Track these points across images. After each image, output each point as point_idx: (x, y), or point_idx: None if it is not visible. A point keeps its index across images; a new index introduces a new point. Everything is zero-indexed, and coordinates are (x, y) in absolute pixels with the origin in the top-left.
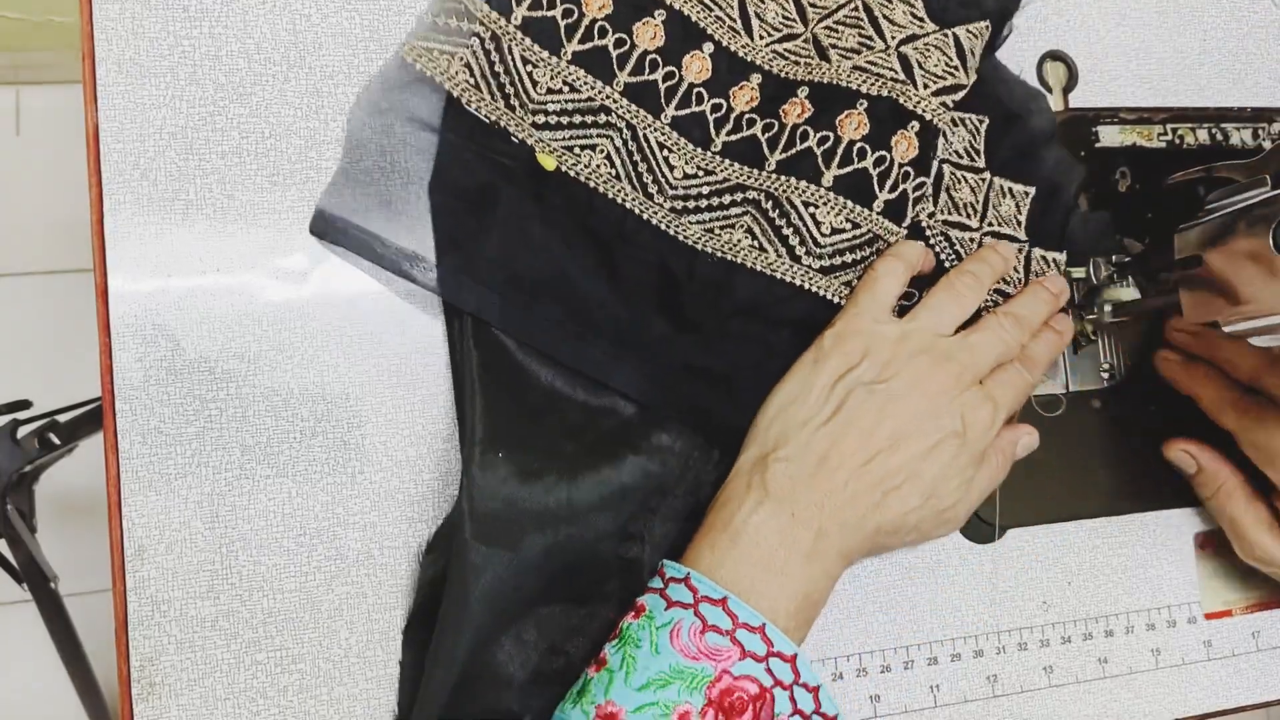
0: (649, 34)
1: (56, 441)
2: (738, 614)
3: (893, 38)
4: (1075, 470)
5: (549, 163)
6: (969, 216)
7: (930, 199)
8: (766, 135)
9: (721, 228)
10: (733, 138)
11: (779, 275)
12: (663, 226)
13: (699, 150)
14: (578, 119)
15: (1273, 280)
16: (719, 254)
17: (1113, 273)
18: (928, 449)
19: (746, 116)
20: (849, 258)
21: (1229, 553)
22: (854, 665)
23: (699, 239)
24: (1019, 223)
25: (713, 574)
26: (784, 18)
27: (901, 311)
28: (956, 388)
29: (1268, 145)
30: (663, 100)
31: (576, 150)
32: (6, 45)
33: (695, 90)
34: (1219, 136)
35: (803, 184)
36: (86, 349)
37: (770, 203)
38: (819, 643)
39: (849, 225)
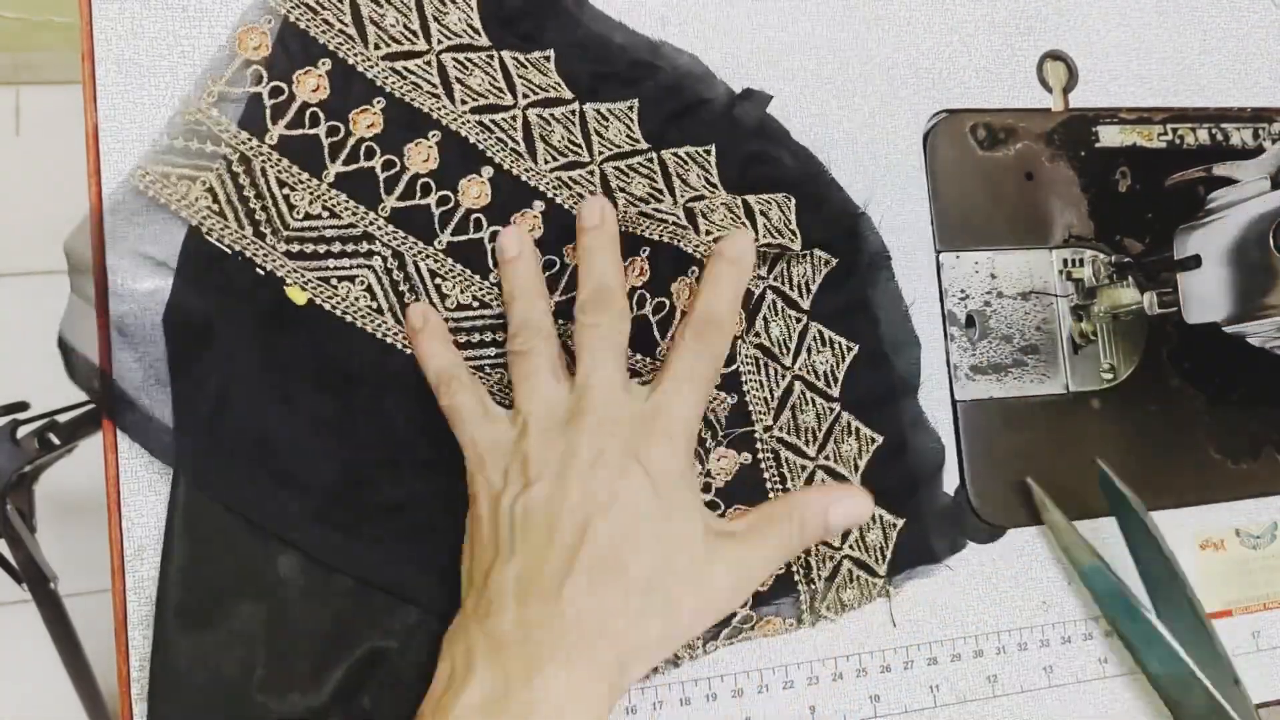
0: (422, 156)
1: (56, 441)
2: None
3: (682, 194)
4: (1075, 470)
5: (299, 296)
6: (808, 444)
7: (772, 413)
8: (548, 272)
9: (491, 368)
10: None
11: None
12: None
13: (477, 278)
14: (337, 247)
15: (1273, 280)
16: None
17: (1112, 272)
18: (609, 504)
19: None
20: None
21: (1229, 553)
22: (854, 665)
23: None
24: (856, 468)
25: None
26: (570, 143)
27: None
28: (605, 431)
29: (1268, 145)
30: (436, 225)
31: (333, 282)
32: (6, 45)
33: (473, 216)
34: (1219, 136)
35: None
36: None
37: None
38: (819, 643)
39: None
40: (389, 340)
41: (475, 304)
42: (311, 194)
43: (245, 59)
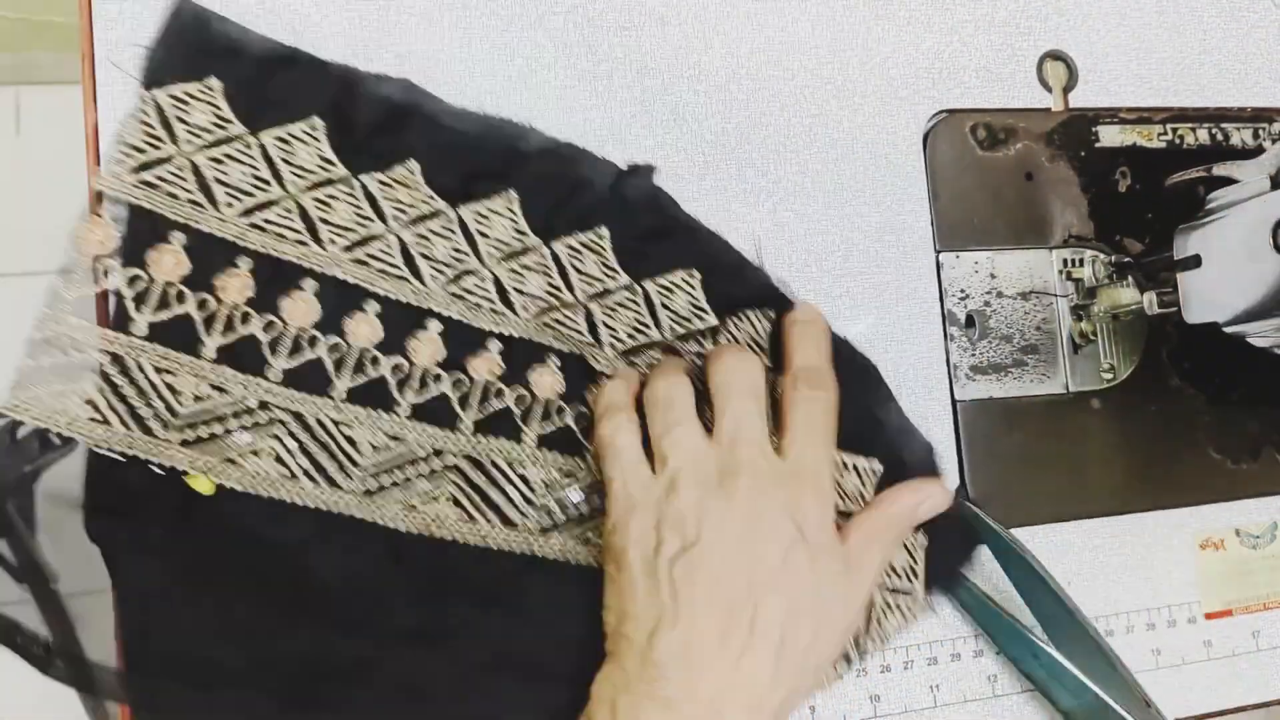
0: (301, 310)
1: (56, 441)
2: None
3: (582, 287)
4: (1075, 470)
5: (206, 486)
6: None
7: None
8: (457, 394)
9: (423, 503)
10: (420, 398)
11: (497, 546)
12: (358, 515)
13: (383, 414)
14: (233, 424)
15: (1272, 280)
16: (423, 531)
17: (1112, 273)
18: (778, 572)
19: (432, 374)
20: (571, 512)
21: (1229, 553)
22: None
23: (397, 518)
24: (863, 499)
25: None
26: (455, 253)
27: None
28: (761, 493)
29: (1268, 145)
30: (332, 375)
31: (238, 460)
32: (6, 45)
33: (368, 355)
34: (1219, 136)
35: (505, 443)
36: None
37: (472, 466)
38: None
39: (561, 477)
40: (311, 505)
41: (392, 443)
42: (195, 375)
43: (93, 255)
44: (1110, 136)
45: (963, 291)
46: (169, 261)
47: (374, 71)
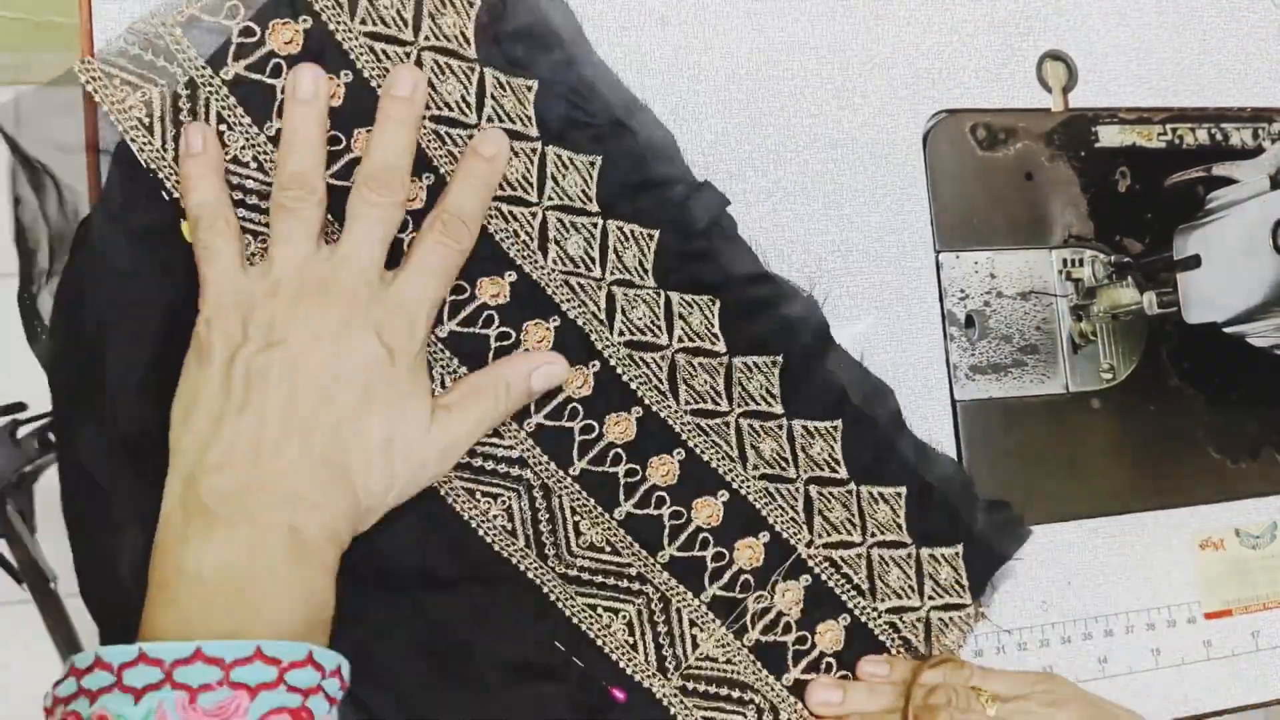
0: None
1: (56, 441)
2: (222, 657)
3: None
4: (1075, 470)
5: (187, 231)
6: (850, 533)
7: (805, 526)
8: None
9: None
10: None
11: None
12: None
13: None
14: (261, 204)
15: (1272, 280)
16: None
17: (1112, 273)
18: (359, 389)
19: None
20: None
21: (1228, 553)
22: None
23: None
24: (900, 526)
25: (181, 634)
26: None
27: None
28: (354, 309)
29: (1268, 145)
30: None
31: (254, 230)
32: (6, 45)
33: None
34: (1219, 136)
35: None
36: None
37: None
38: None
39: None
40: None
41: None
42: (249, 141)
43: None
44: (1110, 136)
45: (963, 291)
46: (286, 35)
47: None
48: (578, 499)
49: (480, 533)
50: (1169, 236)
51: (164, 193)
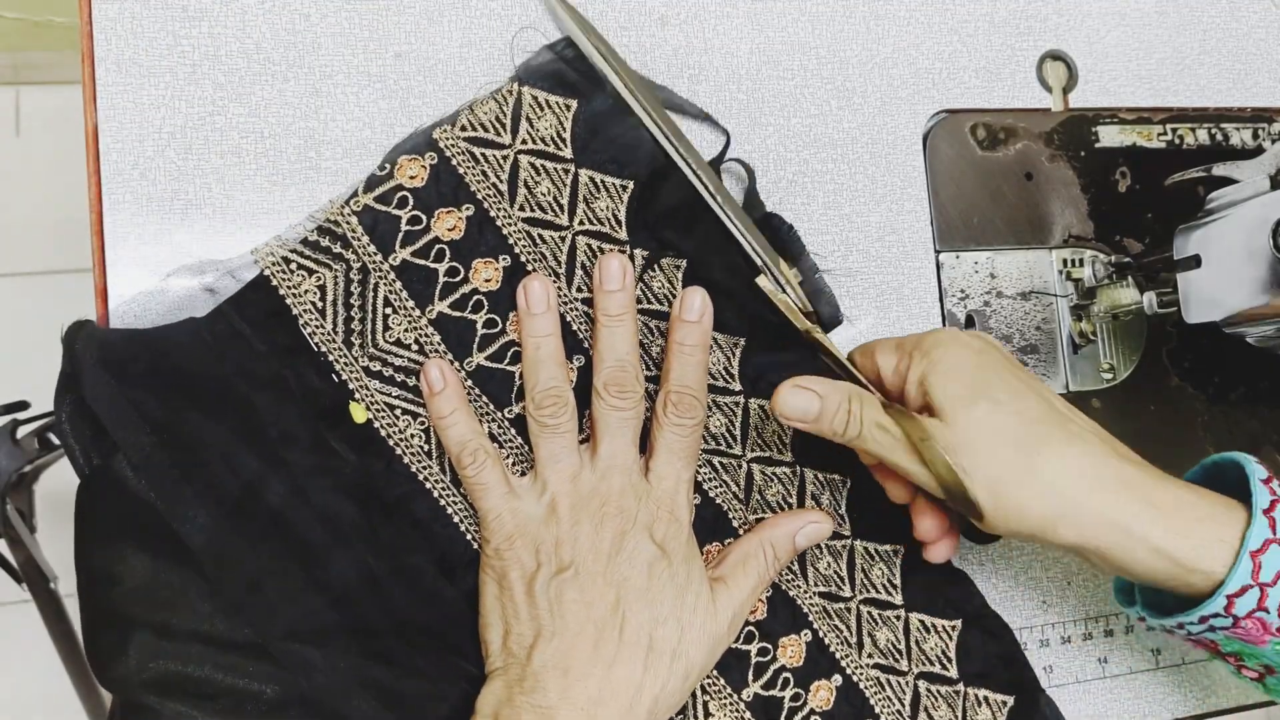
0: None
1: (56, 441)
2: None
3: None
4: None
5: (360, 414)
6: (898, 660)
7: (855, 648)
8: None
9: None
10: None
11: None
12: (455, 519)
13: (531, 455)
14: (412, 381)
15: (1273, 280)
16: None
17: (1112, 272)
18: (643, 587)
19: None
20: None
21: None
22: None
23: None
24: (950, 660)
25: None
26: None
27: None
28: (626, 517)
29: (1268, 145)
30: (513, 396)
31: (397, 413)
32: (6, 45)
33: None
34: (1219, 136)
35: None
36: None
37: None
38: None
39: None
40: (428, 485)
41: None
42: (410, 323)
43: (399, 183)
44: (1110, 136)
45: (963, 291)
46: (450, 222)
47: (687, 160)
48: (505, 432)
49: (398, 451)
50: (1169, 236)
51: (333, 375)
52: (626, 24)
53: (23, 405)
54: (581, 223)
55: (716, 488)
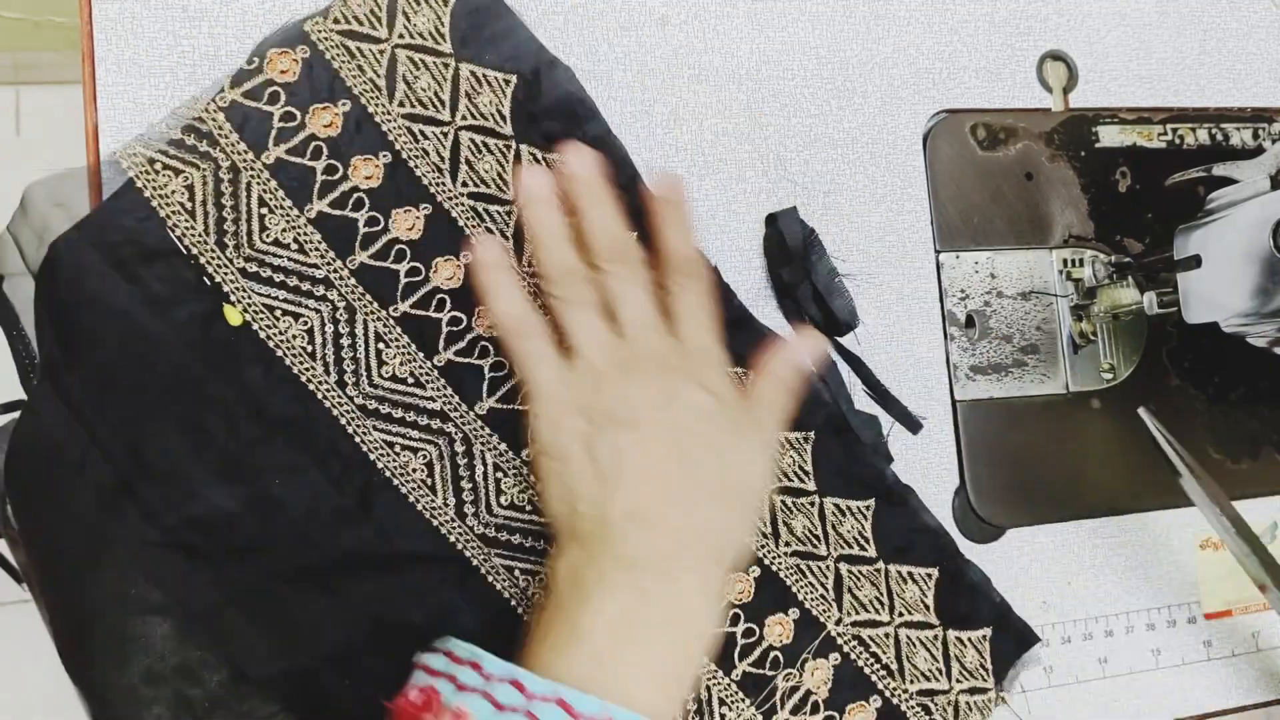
0: (407, 224)
1: None
2: (573, 705)
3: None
4: (1075, 470)
5: (235, 317)
6: (879, 612)
7: (834, 605)
8: (492, 374)
9: (403, 448)
10: (460, 359)
11: (437, 525)
12: (342, 420)
13: (420, 356)
14: (293, 282)
15: (1272, 280)
16: (387, 473)
17: (1112, 272)
18: (705, 435)
19: (483, 343)
20: (516, 540)
21: (1229, 553)
22: None
23: (376, 449)
24: (928, 607)
25: (550, 672)
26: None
27: None
28: (670, 372)
29: (1268, 145)
30: (399, 294)
31: (276, 313)
32: (6, 45)
33: (438, 295)
34: (1219, 136)
35: (502, 446)
36: None
37: (463, 447)
38: None
39: (529, 508)
40: (311, 387)
41: (410, 380)
42: (288, 223)
43: (269, 78)
44: (1110, 136)
45: (963, 291)
46: (325, 118)
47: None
48: (390, 330)
49: (279, 354)
50: (1169, 236)
51: (205, 278)
52: (626, 24)
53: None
54: (464, 118)
55: (804, 589)
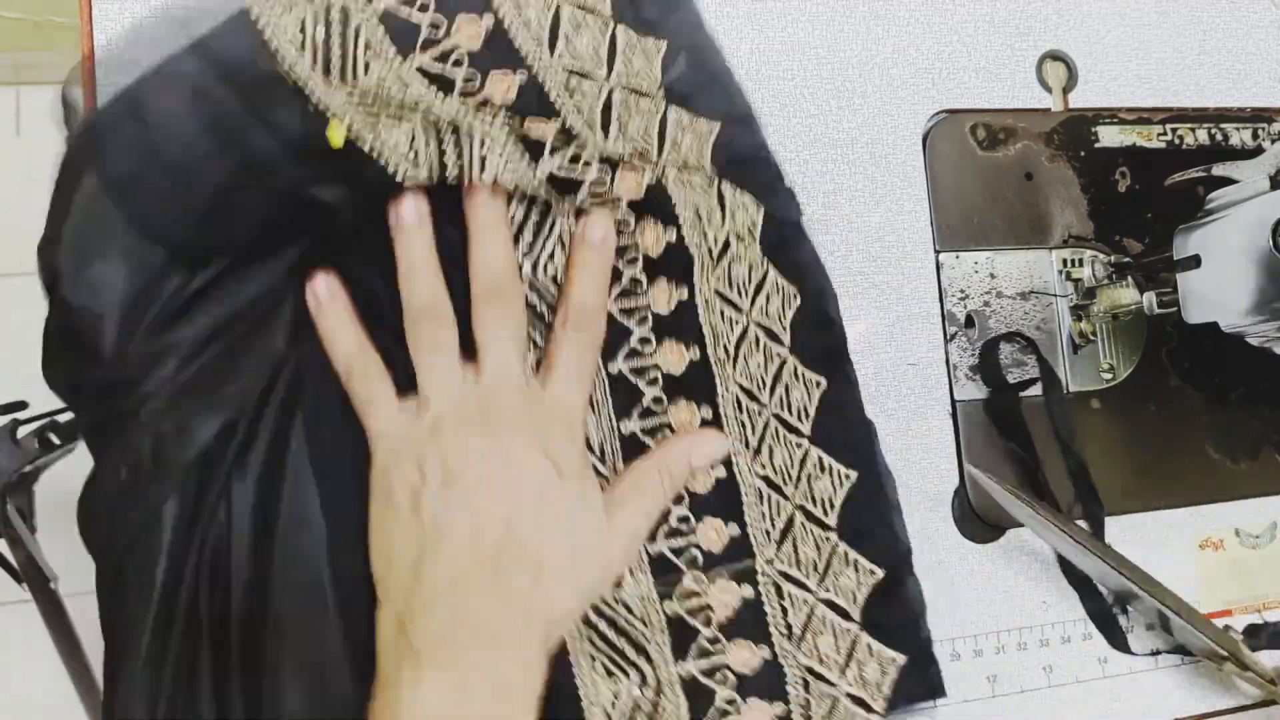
0: (500, 88)
1: (56, 441)
2: None
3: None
4: (1075, 470)
5: (337, 137)
6: (808, 576)
7: (774, 545)
8: (592, 188)
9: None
10: (561, 172)
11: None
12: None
13: (524, 164)
14: (394, 110)
15: (1272, 280)
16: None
17: (1112, 272)
18: (536, 511)
19: (585, 158)
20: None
21: (1228, 553)
22: None
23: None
24: (855, 600)
25: None
26: (644, 132)
27: None
28: (516, 432)
29: (1267, 145)
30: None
31: (379, 127)
32: (6, 45)
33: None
34: (1219, 136)
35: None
36: None
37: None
38: None
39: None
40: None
41: (513, 187)
42: (390, 69)
43: None
44: (1110, 136)
45: (963, 291)
46: None
47: None
48: (494, 138)
49: (383, 162)
50: (1169, 236)
51: (310, 106)
52: None
53: (22, 405)
54: None
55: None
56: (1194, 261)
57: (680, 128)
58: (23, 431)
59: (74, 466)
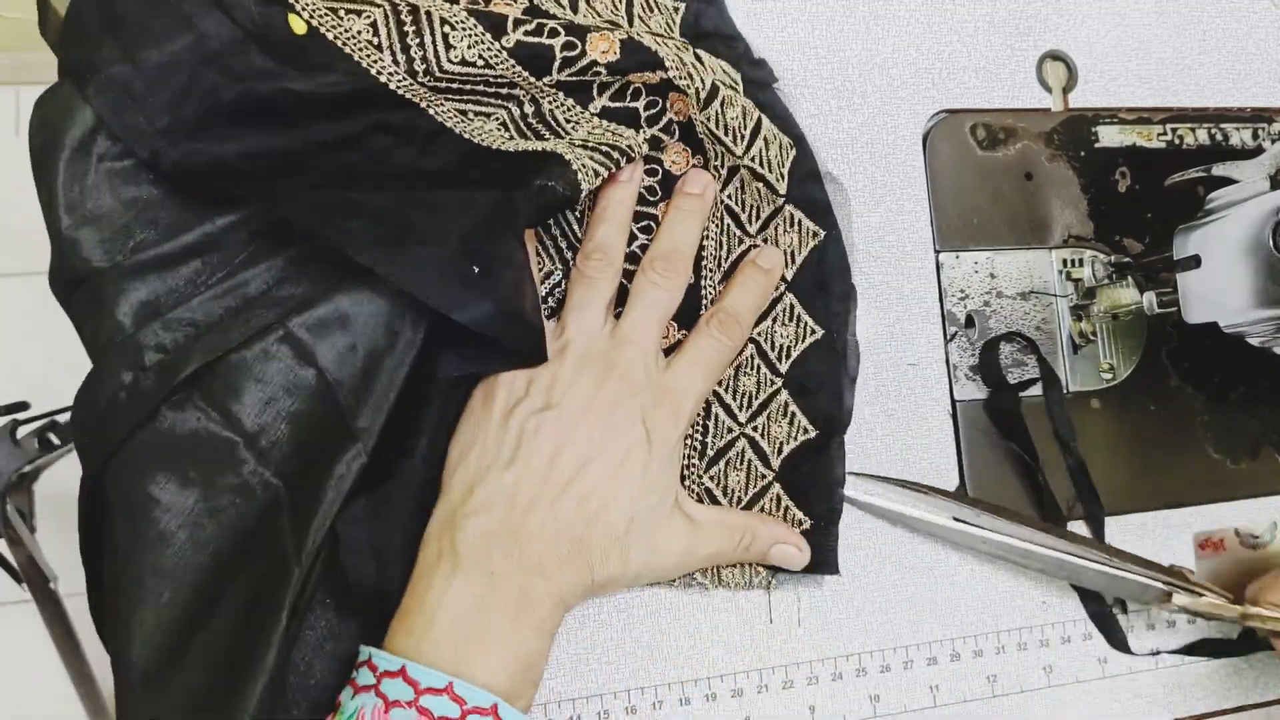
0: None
1: (56, 441)
2: (419, 680)
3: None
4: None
5: (299, 25)
6: (741, 409)
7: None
8: (564, 54)
9: (475, 114)
10: (529, 39)
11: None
12: (419, 102)
13: (488, 37)
14: None
15: (1272, 280)
16: (465, 135)
17: (1112, 272)
18: (615, 466)
19: (550, 26)
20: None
21: (1229, 553)
22: (853, 665)
23: (450, 117)
24: (780, 451)
25: (404, 652)
26: (611, 8)
27: None
28: (627, 390)
29: (1267, 145)
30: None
31: (340, 14)
32: (6, 45)
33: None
34: (1219, 136)
35: (570, 102)
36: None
37: (532, 108)
38: (820, 642)
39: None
40: (383, 79)
41: (479, 62)
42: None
43: None
44: (1110, 136)
45: (963, 291)
46: None
47: None
48: (452, 14)
49: (347, 50)
50: (1169, 236)
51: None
52: None
53: (23, 405)
54: None
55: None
56: (1194, 261)
57: (646, 7)
58: (23, 431)
59: (74, 466)
